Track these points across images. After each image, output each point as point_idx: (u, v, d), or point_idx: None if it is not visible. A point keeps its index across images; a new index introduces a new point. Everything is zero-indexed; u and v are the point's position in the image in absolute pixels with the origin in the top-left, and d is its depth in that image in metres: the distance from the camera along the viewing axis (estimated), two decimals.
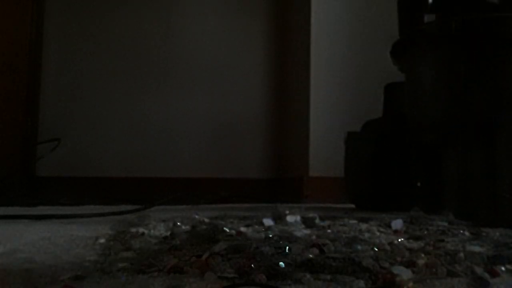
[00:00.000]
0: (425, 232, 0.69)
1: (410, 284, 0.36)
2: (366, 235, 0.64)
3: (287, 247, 0.49)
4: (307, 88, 1.86)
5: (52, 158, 2.07)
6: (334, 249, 0.51)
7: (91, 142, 2.20)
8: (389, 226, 0.72)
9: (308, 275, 0.40)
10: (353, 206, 1.32)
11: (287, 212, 0.77)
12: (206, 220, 0.77)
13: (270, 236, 0.59)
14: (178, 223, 0.73)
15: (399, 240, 0.59)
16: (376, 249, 0.52)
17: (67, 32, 2.25)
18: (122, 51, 2.25)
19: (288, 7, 2.28)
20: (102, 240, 0.63)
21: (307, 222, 0.74)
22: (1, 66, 2.06)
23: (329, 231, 0.68)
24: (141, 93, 2.24)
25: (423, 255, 0.48)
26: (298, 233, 0.63)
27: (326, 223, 0.77)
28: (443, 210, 0.87)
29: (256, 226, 0.72)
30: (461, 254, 0.47)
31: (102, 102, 2.23)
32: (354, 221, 0.79)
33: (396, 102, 1.28)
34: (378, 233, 0.66)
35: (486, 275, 0.40)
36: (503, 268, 0.44)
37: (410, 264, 0.45)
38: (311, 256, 0.46)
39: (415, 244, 0.56)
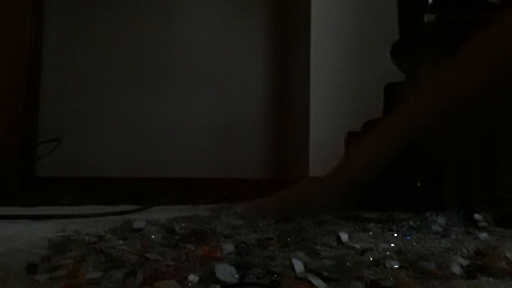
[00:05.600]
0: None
1: (410, 284, 0.36)
2: None
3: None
4: (307, 88, 1.86)
5: (52, 158, 2.07)
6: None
7: (91, 142, 2.21)
8: None
9: (308, 274, 0.40)
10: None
11: None
12: None
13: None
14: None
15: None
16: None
17: (67, 32, 2.25)
18: (122, 51, 2.25)
19: (288, 7, 2.28)
20: None
21: None
22: (1, 66, 2.06)
23: None
24: (141, 93, 2.24)
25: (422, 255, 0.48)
26: None
27: None
28: (443, 210, 0.87)
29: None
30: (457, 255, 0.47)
31: (102, 102, 2.23)
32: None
33: (396, 102, 1.28)
34: None
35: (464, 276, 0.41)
36: None
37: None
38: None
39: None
